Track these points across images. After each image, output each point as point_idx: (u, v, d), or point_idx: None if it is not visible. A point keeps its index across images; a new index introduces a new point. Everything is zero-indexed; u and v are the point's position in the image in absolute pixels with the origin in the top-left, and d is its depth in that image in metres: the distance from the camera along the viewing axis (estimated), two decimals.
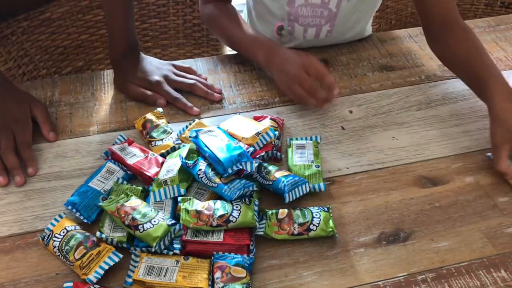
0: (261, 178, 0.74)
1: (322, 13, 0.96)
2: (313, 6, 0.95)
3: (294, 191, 0.72)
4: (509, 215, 0.72)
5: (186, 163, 0.72)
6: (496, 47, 1.04)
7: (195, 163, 0.72)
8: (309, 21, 0.98)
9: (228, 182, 0.70)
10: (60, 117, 0.87)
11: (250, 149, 0.75)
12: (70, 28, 1.13)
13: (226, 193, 0.69)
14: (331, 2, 0.95)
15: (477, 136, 0.84)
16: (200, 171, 0.71)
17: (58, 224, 0.68)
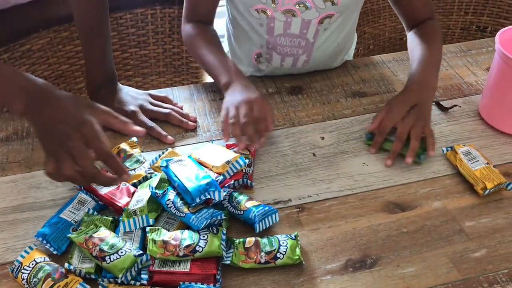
0: (232, 208, 0.75)
1: (300, 43, 0.99)
2: (292, 36, 0.98)
3: (264, 221, 0.73)
4: (475, 240, 0.73)
5: (156, 193, 0.73)
6: (467, 71, 1.06)
7: (164, 193, 0.73)
8: (287, 51, 1.00)
9: (196, 211, 0.71)
10: (36, 148, 0.89)
11: (219, 178, 0.76)
12: (50, 59, 1.15)
13: (193, 222, 0.70)
14: (309, 32, 0.97)
15: (445, 161, 0.86)
16: (169, 200, 0.72)
17: (28, 256, 0.69)
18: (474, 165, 0.80)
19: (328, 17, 0.95)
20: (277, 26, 0.96)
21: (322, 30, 0.97)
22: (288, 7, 0.93)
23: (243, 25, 1.01)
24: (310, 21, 0.95)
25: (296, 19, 0.94)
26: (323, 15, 0.94)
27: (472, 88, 1.01)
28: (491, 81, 0.91)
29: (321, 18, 0.95)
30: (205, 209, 0.72)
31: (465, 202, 0.79)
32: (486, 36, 1.41)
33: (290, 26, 0.96)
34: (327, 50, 1.02)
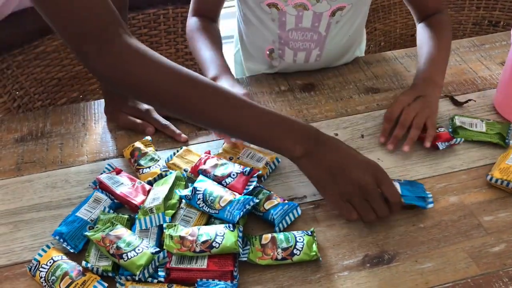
0: (253, 209, 0.75)
1: (312, 36, 0.98)
2: (303, 30, 0.98)
3: (285, 219, 0.73)
4: (493, 234, 0.73)
5: (186, 196, 0.73)
6: (481, 66, 1.05)
7: (193, 194, 0.73)
8: (299, 45, 1.00)
9: (227, 204, 0.71)
10: (51, 148, 0.89)
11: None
12: (64, 60, 1.15)
13: (228, 217, 0.70)
14: (321, 26, 0.97)
15: (461, 156, 0.85)
16: (199, 200, 0.73)
17: (45, 254, 0.69)
18: None
19: (339, 9, 0.94)
20: (288, 20, 0.96)
21: (334, 23, 0.97)
22: (299, 1, 0.93)
23: (254, 21, 1.01)
24: (322, 14, 0.95)
25: (308, 13, 0.94)
26: (335, 7, 0.94)
27: (486, 83, 1.00)
28: (506, 74, 0.90)
29: (333, 11, 0.94)
30: (235, 199, 0.71)
31: (483, 196, 0.78)
32: (498, 30, 1.40)
33: (302, 20, 0.96)
34: (340, 43, 1.02)
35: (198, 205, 0.73)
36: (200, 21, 1.00)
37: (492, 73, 1.03)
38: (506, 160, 0.80)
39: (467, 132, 0.86)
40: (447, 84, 1.00)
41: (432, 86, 0.89)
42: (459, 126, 0.87)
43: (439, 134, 0.85)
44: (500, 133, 0.85)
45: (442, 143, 0.84)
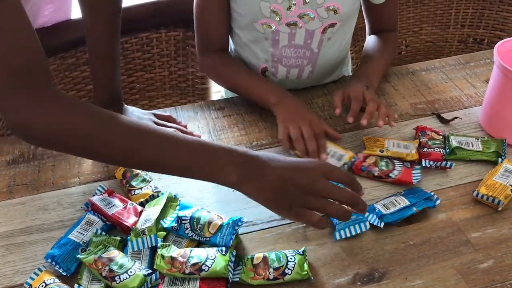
0: None
1: (305, 53, 1.01)
2: (296, 47, 1.00)
3: (349, 228, 0.75)
4: (481, 251, 0.74)
5: (172, 227, 0.74)
6: (467, 83, 1.07)
7: (179, 224, 0.74)
8: (292, 62, 1.02)
9: (217, 231, 0.72)
10: (43, 170, 0.90)
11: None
12: (57, 85, 1.16)
13: (221, 243, 0.71)
14: (313, 42, 0.99)
15: (449, 173, 0.86)
16: (187, 229, 0.73)
17: (38, 277, 0.69)
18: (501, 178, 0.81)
19: (331, 26, 0.97)
20: (282, 38, 0.98)
21: (326, 40, 0.99)
22: (292, 19, 0.95)
23: (246, 41, 1.03)
24: (314, 31, 0.97)
25: (300, 30, 0.97)
26: (326, 24, 0.96)
27: (472, 100, 1.03)
28: (491, 92, 0.92)
29: (324, 28, 0.97)
30: (224, 224, 0.72)
31: (470, 213, 0.80)
32: (483, 48, 1.43)
33: (295, 37, 0.98)
34: (331, 59, 1.05)
35: (186, 234, 0.73)
36: (215, 57, 1.02)
37: (477, 90, 1.05)
38: (493, 177, 0.81)
39: (464, 152, 0.87)
40: (434, 101, 1.02)
41: (369, 82, 0.95)
42: (457, 147, 0.87)
43: (430, 153, 0.87)
44: (496, 151, 0.87)
45: (428, 161, 0.85)
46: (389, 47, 1.07)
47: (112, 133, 0.64)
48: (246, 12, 0.97)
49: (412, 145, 0.88)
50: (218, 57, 1.02)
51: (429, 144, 0.88)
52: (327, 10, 0.94)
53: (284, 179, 0.65)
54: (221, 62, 1.02)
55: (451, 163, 0.86)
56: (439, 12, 1.43)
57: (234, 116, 1.01)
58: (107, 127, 0.64)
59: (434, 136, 0.90)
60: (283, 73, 1.04)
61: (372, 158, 0.85)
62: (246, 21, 0.99)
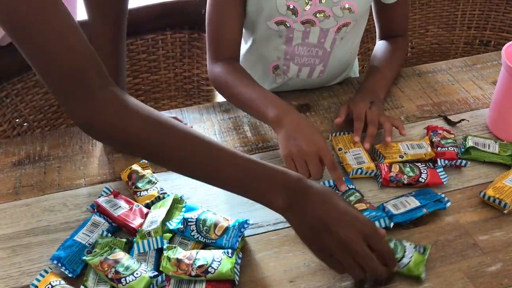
0: None
1: (318, 52, 1.00)
2: (310, 46, 0.99)
3: None
4: (489, 254, 0.73)
5: (178, 229, 0.73)
6: (474, 85, 1.07)
7: (185, 226, 0.73)
8: (304, 60, 1.01)
9: (223, 233, 0.72)
10: (49, 171, 0.90)
11: None
12: None
13: (227, 245, 0.71)
14: (327, 41, 0.99)
15: (456, 175, 0.86)
16: (193, 231, 0.73)
17: (43, 279, 0.69)
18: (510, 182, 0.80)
19: (345, 25, 0.97)
20: (296, 36, 0.98)
21: (339, 39, 0.99)
22: (307, 18, 0.95)
23: (259, 39, 1.02)
24: (328, 30, 0.97)
25: (315, 29, 0.96)
26: (341, 23, 0.96)
27: (479, 102, 1.02)
28: (498, 94, 0.92)
29: (339, 27, 0.97)
30: (230, 226, 0.72)
31: (478, 216, 0.79)
32: (489, 50, 1.43)
33: (309, 36, 0.97)
34: (342, 59, 1.04)
35: (192, 236, 0.73)
36: (225, 66, 0.96)
37: (485, 92, 1.04)
38: (503, 180, 0.81)
39: (479, 152, 0.87)
40: (440, 103, 1.02)
41: (375, 97, 0.94)
42: (472, 147, 0.87)
43: (445, 152, 0.86)
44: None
45: (443, 160, 0.85)
46: (397, 54, 1.06)
47: (169, 139, 0.65)
48: (261, 9, 0.94)
49: (424, 143, 0.88)
50: (228, 67, 0.95)
51: (442, 143, 0.88)
52: (343, 9, 0.94)
53: (324, 223, 0.63)
54: (229, 71, 0.95)
55: (466, 162, 0.85)
56: (445, 13, 1.42)
57: (240, 117, 1.01)
58: (164, 133, 0.65)
59: (446, 135, 0.90)
60: (294, 72, 1.03)
61: (396, 166, 0.84)
62: (262, 19, 0.96)
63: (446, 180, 0.83)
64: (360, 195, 0.80)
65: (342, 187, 0.80)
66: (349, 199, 0.79)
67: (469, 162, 0.87)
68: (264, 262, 0.73)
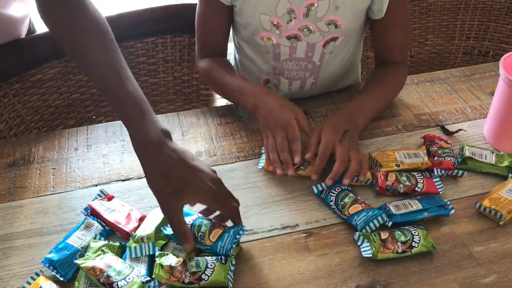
0: (338, 211, 0.79)
1: (307, 66, 1.00)
2: (298, 60, 0.99)
3: (369, 225, 0.75)
4: (484, 265, 0.73)
5: (173, 234, 0.72)
6: (471, 95, 1.07)
7: None
8: (294, 74, 1.01)
9: (218, 239, 0.71)
10: (44, 173, 0.89)
11: None
12: (61, 88, 1.16)
13: (221, 252, 0.70)
14: (315, 56, 0.98)
15: (452, 185, 0.86)
16: None
17: (34, 282, 0.68)
18: (508, 193, 0.80)
19: (332, 40, 0.96)
20: (282, 51, 0.98)
21: (328, 53, 0.98)
22: (292, 33, 0.95)
23: (249, 53, 1.03)
24: (315, 44, 0.96)
25: (301, 43, 0.96)
26: (327, 38, 0.96)
27: (476, 112, 1.02)
28: (496, 105, 0.92)
29: (326, 41, 0.96)
30: (226, 232, 0.72)
31: (473, 227, 0.79)
32: (488, 60, 1.43)
33: (296, 51, 0.97)
34: (334, 72, 1.04)
35: None
36: (211, 60, 1.00)
37: (482, 102, 1.04)
38: (500, 191, 0.80)
39: (476, 163, 0.87)
40: (438, 113, 1.02)
41: (351, 124, 0.87)
42: (469, 157, 0.87)
43: (442, 161, 0.86)
44: (509, 166, 0.86)
45: (440, 169, 0.85)
46: (393, 80, 0.99)
47: None
48: (248, 24, 0.96)
49: (421, 152, 0.88)
50: (213, 61, 1.00)
51: (439, 153, 0.88)
52: (328, 24, 0.94)
53: None
54: (214, 64, 0.99)
55: (463, 172, 0.85)
56: (444, 23, 1.43)
57: (237, 123, 1.00)
58: None
59: (443, 145, 0.90)
60: (285, 85, 1.03)
61: (392, 175, 0.83)
62: (248, 33, 0.98)
63: (443, 190, 0.83)
64: (354, 196, 0.80)
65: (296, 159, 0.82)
66: (344, 201, 0.79)
67: (466, 172, 0.86)
68: (258, 269, 0.73)
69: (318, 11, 0.92)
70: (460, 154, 0.89)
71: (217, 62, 1.00)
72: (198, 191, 0.69)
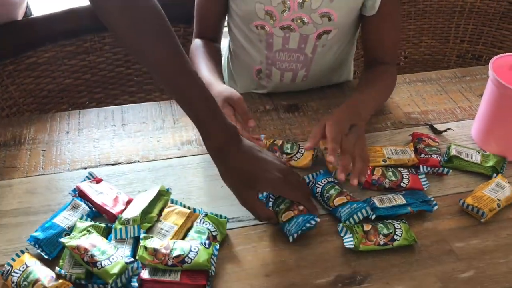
0: (323, 203, 0.81)
1: (299, 58, 1.01)
2: (290, 51, 1.00)
3: (352, 218, 0.77)
4: (464, 261, 0.74)
5: None
6: (462, 96, 1.08)
7: (267, 200, 0.80)
8: (286, 66, 1.02)
9: (289, 220, 0.74)
10: (34, 154, 0.90)
11: None
12: (55, 72, 1.16)
13: (287, 233, 0.74)
14: (307, 47, 0.99)
15: (437, 183, 0.87)
16: (269, 208, 0.78)
17: (19, 259, 0.69)
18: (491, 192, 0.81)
19: (325, 32, 0.97)
20: (275, 41, 0.99)
21: (320, 46, 0.99)
22: (286, 23, 0.96)
23: (243, 42, 1.04)
24: (308, 36, 0.97)
25: (294, 34, 0.97)
26: (320, 30, 0.97)
27: (465, 113, 1.03)
28: (484, 106, 0.93)
29: (319, 34, 0.97)
30: (295, 217, 0.74)
31: (456, 223, 0.80)
32: (481, 64, 1.44)
33: (289, 41, 0.98)
34: (326, 66, 1.05)
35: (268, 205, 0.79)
36: (202, 41, 1.03)
37: (472, 104, 1.06)
38: (483, 190, 0.82)
39: (461, 162, 0.88)
40: (427, 112, 1.03)
41: (357, 118, 0.85)
42: (455, 156, 0.88)
43: (428, 159, 0.87)
44: (494, 166, 0.87)
45: (426, 166, 0.86)
46: (384, 78, 0.98)
47: None
48: (243, 12, 0.97)
49: (408, 149, 0.89)
50: (203, 42, 1.02)
51: (426, 151, 0.89)
52: (321, 16, 0.95)
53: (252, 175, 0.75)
54: (200, 46, 1.01)
55: (448, 170, 0.86)
56: (439, 25, 1.44)
57: None
58: None
59: (430, 143, 0.91)
60: (277, 76, 1.04)
61: (379, 170, 0.85)
62: (243, 21, 0.99)
63: (427, 186, 0.84)
64: (340, 188, 0.81)
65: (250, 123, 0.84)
66: (329, 193, 0.80)
67: (451, 170, 0.88)
68: (241, 255, 0.74)
69: (313, 3, 0.93)
70: (446, 153, 0.90)
71: (204, 45, 1.02)
72: (267, 182, 0.74)
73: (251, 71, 1.07)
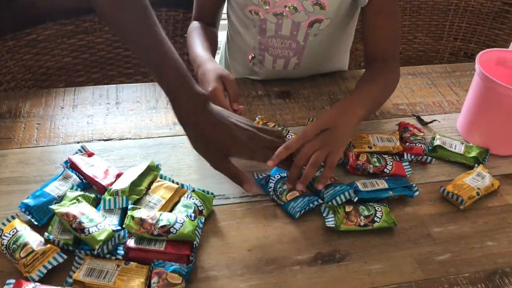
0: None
1: (291, 45, 1.03)
2: (283, 38, 1.02)
3: (335, 199, 0.79)
4: (441, 244, 0.76)
5: (260, 180, 0.79)
6: (450, 91, 1.10)
7: (267, 180, 0.81)
8: (278, 52, 1.04)
9: (293, 199, 0.77)
10: (28, 127, 0.92)
11: None
12: (54, 50, 1.18)
13: (291, 211, 0.77)
14: (299, 35, 1.01)
15: (420, 171, 0.89)
16: (270, 188, 0.81)
17: (9, 224, 0.71)
18: (471, 181, 0.84)
19: (317, 21, 0.99)
20: (268, 27, 1.01)
21: (312, 35, 1.01)
22: (279, 9, 0.98)
23: (238, 27, 1.06)
24: (300, 23, 0.99)
25: (287, 21, 0.99)
26: (312, 18, 0.99)
27: (452, 106, 1.06)
28: (469, 99, 0.95)
29: (310, 22, 0.99)
30: (301, 197, 0.78)
31: (435, 209, 0.82)
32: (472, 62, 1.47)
33: (281, 28, 1.00)
34: (319, 55, 1.06)
35: (268, 192, 0.81)
36: (200, 23, 1.06)
37: (460, 98, 1.08)
38: (464, 178, 0.84)
39: (445, 152, 0.90)
40: (415, 104, 1.05)
41: (348, 116, 0.83)
42: (439, 145, 0.91)
43: (413, 147, 0.90)
44: (476, 157, 0.90)
45: (410, 154, 0.89)
46: (380, 78, 0.94)
47: None
48: None
49: (394, 138, 0.92)
50: (199, 25, 1.05)
51: (411, 140, 0.91)
52: (313, 5, 0.97)
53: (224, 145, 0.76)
54: (196, 28, 1.04)
55: (431, 158, 0.89)
56: (434, 23, 1.46)
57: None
58: None
59: (416, 132, 0.93)
60: (270, 63, 1.06)
61: (364, 155, 0.87)
62: (238, 6, 1.02)
63: (410, 173, 0.86)
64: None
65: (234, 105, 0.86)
66: (315, 175, 0.82)
67: (435, 159, 0.90)
68: (226, 230, 0.76)
69: None
70: (431, 142, 0.93)
71: (203, 29, 1.04)
72: (235, 149, 0.75)
73: (245, 56, 1.09)
